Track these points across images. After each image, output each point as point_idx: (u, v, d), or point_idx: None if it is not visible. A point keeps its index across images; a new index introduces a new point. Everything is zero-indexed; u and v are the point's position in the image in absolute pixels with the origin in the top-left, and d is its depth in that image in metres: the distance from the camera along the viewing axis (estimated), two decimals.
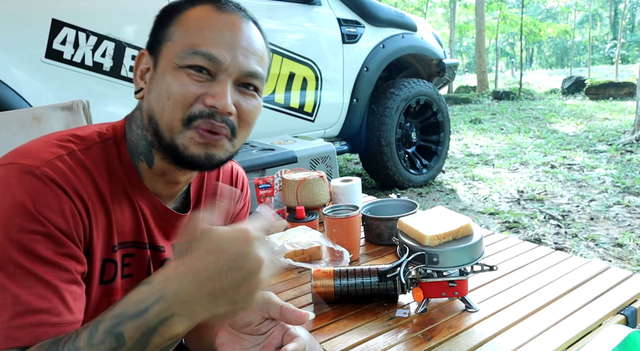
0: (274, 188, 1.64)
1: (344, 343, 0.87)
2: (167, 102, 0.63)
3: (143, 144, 0.68)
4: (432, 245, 0.93)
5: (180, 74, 0.63)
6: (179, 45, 0.64)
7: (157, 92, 0.65)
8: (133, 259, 0.71)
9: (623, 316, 0.93)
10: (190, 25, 0.65)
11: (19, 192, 0.55)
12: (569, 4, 26.13)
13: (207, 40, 0.63)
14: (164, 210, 0.72)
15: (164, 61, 0.65)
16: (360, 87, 3.28)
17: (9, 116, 1.13)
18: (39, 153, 0.60)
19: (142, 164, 0.69)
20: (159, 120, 0.64)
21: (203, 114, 0.63)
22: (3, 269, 0.53)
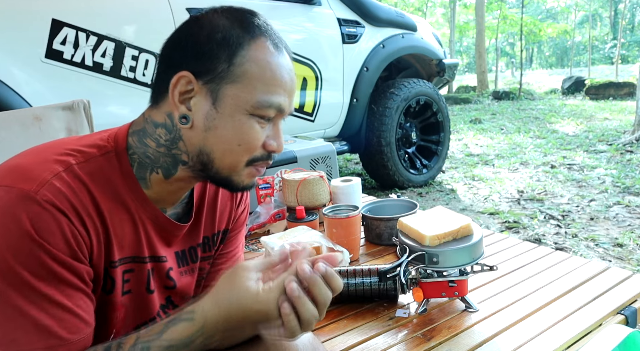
0: (274, 188, 1.64)
1: (344, 343, 0.87)
2: (237, 148, 0.65)
3: (167, 161, 0.68)
4: (432, 245, 0.93)
5: (253, 122, 0.65)
6: (252, 94, 0.64)
7: (224, 134, 0.64)
8: (132, 274, 0.70)
9: (623, 316, 0.93)
10: (258, 71, 0.64)
11: (21, 220, 0.56)
12: (569, 4, 26.13)
13: (278, 92, 0.65)
14: (165, 221, 0.72)
15: (232, 103, 0.64)
16: (360, 87, 3.28)
17: (9, 116, 1.13)
18: (36, 173, 0.59)
19: (155, 175, 0.69)
20: (219, 160, 0.66)
21: (264, 158, 0.68)
22: (22, 294, 0.56)
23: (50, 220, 0.57)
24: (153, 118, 0.68)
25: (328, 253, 0.65)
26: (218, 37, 0.63)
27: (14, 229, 0.56)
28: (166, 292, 0.75)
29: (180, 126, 0.65)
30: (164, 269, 0.74)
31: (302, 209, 1.44)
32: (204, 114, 0.64)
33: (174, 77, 0.63)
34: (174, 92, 0.64)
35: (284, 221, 1.56)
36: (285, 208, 1.59)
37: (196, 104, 0.64)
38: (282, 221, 1.57)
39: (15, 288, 0.55)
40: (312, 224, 1.40)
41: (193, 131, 0.65)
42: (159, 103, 0.67)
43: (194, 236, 0.79)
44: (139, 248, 0.69)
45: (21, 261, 0.55)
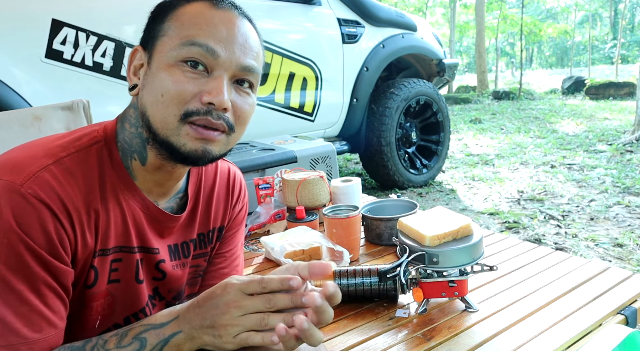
0: (274, 188, 1.64)
1: (344, 343, 0.87)
2: (161, 99, 0.62)
3: (137, 142, 0.68)
4: (432, 245, 0.93)
5: (175, 70, 0.62)
6: (174, 39, 0.63)
7: (151, 88, 0.64)
8: (120, 264, 0.70)
9: (623, 316, 0.93)
10: (185, 19, 0.64)
11: (5, 211, 0.56)
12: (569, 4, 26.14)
13: (203, 33, 0.63)
14: (157, 211, 0.72)
15: (158, 57, 0.64)
16: (360, 87, 3.28)
17: (9, 116, 1.13)
18: (24, 166, 0.60)
19: (135, 162, 0.69)
20: (152, 116, 0.64)
21: (200, 112, 0.63)
22: None
23: (33, 214, 0.58)
24: (132, 101, 0.69)
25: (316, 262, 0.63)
26: (159, 7, 0.67)
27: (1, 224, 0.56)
28: (154, 283, 0.76)
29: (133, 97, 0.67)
30: (153, 261, 0.74)
31: (302, 209, 1.44)
32: (143, 77, 0.66)
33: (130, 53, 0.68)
34: (130, 67, 0.67)
35: (284, 221, 1.56)
36: (285, 208, 1.59)
37: (141, 71, 0.67)
38: (282, 221, 1.57)
39: None
40: (312, 224, 1.40)
41: (138, 97, 0.66)
42: None
43: (188, 231, 0.79)
44: (126, 238, 0.69)
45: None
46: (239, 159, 1.76)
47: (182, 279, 0.80)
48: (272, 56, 2.75)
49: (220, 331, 0.57)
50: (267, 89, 2.79)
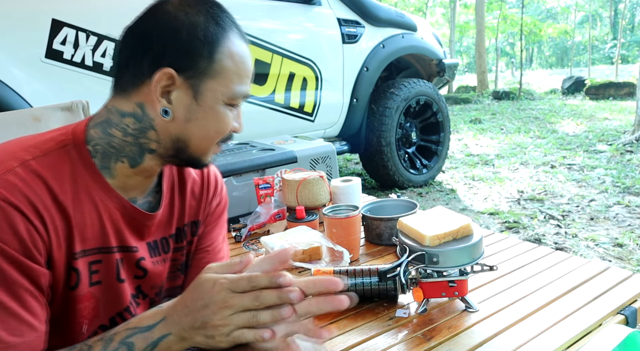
0: (274, 188, 1.64)
1: (344, 343, 0.87)
2: (214, 134, 0.70)
3: (132, 150, 0.69)
4: (432, 245, 0.93)
5: (226, 111, 0.70)
6: (228, 87, 0.68)
7: (204, 124, 0.69)
8: (101, 265, 0.69)
9: (623, 316, 0.93)
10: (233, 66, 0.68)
11: None
12: (569, 4, 26.13)
13: (247, 82, 0.71)
14: (133, 210, 0.72)
15: (211, 96, 0.68)
16: (360, 87, 3.28)
17: (8, 116, 1.13)
18: None
19: (120, 164, 0.69)
20: (195, 146, 0.70)
21: (228, 138, 0.74)
22: None
23: (2, 217, 0.57)
24: (119, 108, 0.69)
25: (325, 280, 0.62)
26: (200, 34, 0.65)
27: None
28: (136, 281, 0.75)
29: (157, 117, 0.67)
30: (133, 259, 0.73)
31: (302, 209, 1.44)
32: (185, 107, 0.67)
33: (158, 73, 0.64)
34: (156, 86, 0.65)
35: (284, 221, 1.56)
36: (285, 208, 1.59)
37: (177, 98, 0.67)
38: (282, 221, 1.57)
39: None
40: (312, 224, 1.40)
41: (173, 122, 0.68)
42: (128, 93, 0.68)
43: (167, 227, 0.79)
44: (104, 239, 0.69)
45: None
46: (239, 159, 1.76)
47: (163, 275, 0.80)
48: (272, 56, 2.75)
49: (213, 332, 0.57)
50: (267, 89, 2.79)
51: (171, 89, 0.66)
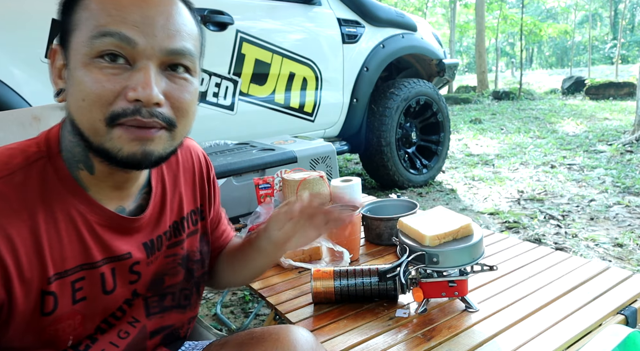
0: (274, 188, 1.64)
1: (344, 343, 0.87)
2: (83, 104, 0.56)
3: (79, 151, 0.62)
4: (432, 245, 0.93)
5: (91, 68, 0.55)
6: (85, 32, 0.56)
7: (73, 92, 0.57)
8: (84, 282, 0.64)
9: (623, 316, 0.93)
10: (93, 7, 0.56)
11: None
12: (569, 4, 26.12)
13: (113, 19, 0.55)
14: (118, 219, 0.67)
15: (74, 55, 0.57)
16: (360, 87, 3.28)
17: (8, 115, 1.13)
18: None
19: (82, 172, 0.63)
20: (79, 123, 0.58)
21: (127, 112, 0.56)
22: None
23: None
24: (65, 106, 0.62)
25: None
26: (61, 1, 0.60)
27: None
28: (131, 286, 0.71)
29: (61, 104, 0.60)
30: (126, 266, 0.69)
31: None
32: (66, 79, 0.59)
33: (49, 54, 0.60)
34: (52, 70, 0.61)
35: None
36: None
37: (65, 73, 0.60)
38: None
39: None
40: None
41: (66, 103, 0.60)
42: None
43: (160, 225, 0.75)
44: (87, 255, 0.64)
45: None
46: (239, 159, 1.76)
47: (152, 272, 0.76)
48: (272, 56, 2.75)
49: None
50: (267, 89, 2.79)
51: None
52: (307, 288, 1.08)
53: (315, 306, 1.02)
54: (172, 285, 0.79)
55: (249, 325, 1.83)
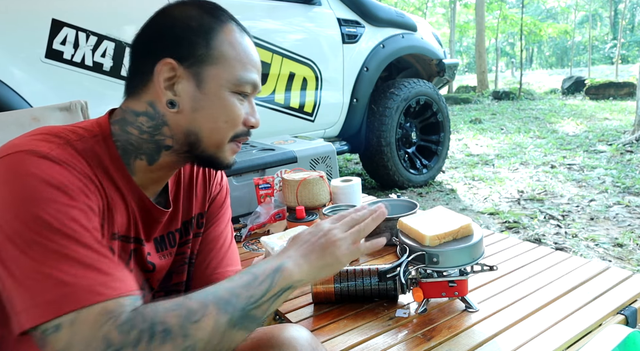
0: (274, 188, 1.64)
1: (344, 343, 0.87)
2: (224, 126, 0.70)
3: (149, 147, 0.70)
4: (432, 245, 0.93)
5: (233, 100, 0.70)
6: (231, 73, 0.69)
7: (210, 113, 0.69)
8: (119, 252, 0.70)
9: (623, 316, 0.93)
10: (233, 52, 0.69)
11: (41, 173, 0.56)
12: (569, 4, 26.13)
13: (252, 69, 0.71)
14: (151, 206, 0.73)
15: (215, 83, 0.68)
16: (360, 87, 3.28)
17: (7, 116, 1.13)
18: (41, 143, 0.60)
19: (139, 162, 0.71)
20: (207, 138, 0.70)
21: (244, 133, 0.73)
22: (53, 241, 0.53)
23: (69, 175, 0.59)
24: (133, 108, 0.70)
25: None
26: (193, 25, 0.68)
27: (35, 181, 0.56)
28: (144, 275, 0.77)
29: (167, 111, 0.68)
30: (143, 253, 0.75)
31: (302, 209, 1.44)
32: (189, 96, 0.68)
33: (158, 64, 0.66)
34: (159, 79, 0.67)
35: (284, 221, 1.56)
36: (285, 208, 1.59)
37: (181, 88, 0.68)
38: (282, 221, 1.57)
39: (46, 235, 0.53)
40: (312, 224, 1.40)
41: (180, 114, 0.68)
42: (138, 93, 0.70)
43: (173, 222, 0.81)
44: (128, 228, 0.71)
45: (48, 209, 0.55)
46: (239, 159, 1.77)
47: (166, 268, 0.81)
48: (272, 56, 2.75)
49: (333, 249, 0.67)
50: (267, 89, 2.79)
51: (175, 80, 0.67)
52: (307, 288, 1.08)
53: (315, 306, 1.02)
54: (178, 283, 0.83)
55: None
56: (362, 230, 0.71)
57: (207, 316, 0.55)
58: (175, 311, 0.54)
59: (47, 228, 0.54)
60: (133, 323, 0.52)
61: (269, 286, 0.60)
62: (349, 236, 0.69)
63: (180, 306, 0.55)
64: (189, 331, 0.53)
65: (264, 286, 0.60)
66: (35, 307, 0.51)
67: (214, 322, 0.55)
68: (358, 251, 0.70)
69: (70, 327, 0.50)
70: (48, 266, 0.52)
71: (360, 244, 0.71)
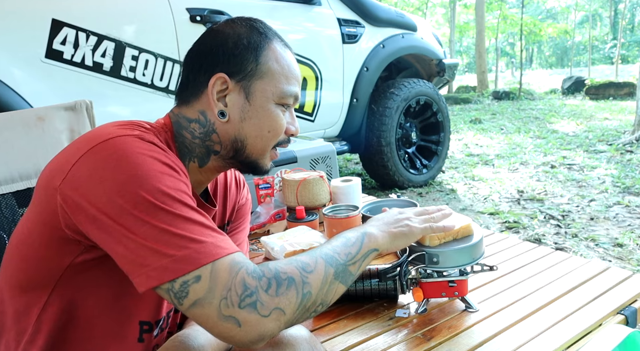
0: (274, 188, 1.64)
1: (344, 343, 0.87)
2: (268, 135, 0.76)
3: (201, 151, 0.76)
4: (432, 245, 0.93)
5: (278, 111, 0.76)
6: (277, 86, 0.75)
7: (256, 123, 0.75)
8: None
9: (623, 316, 0.93)
10: (279, 67, 0.76)
11: (148, 151, 0.62)
12: (569, 4, 26.12)
13: (294, 83, 0.78)
14: (200, 203, 0.78)
15: (261, 96, 0.74)
16: (360, 87, 3.28)
17: (12, 116, 1.13)
18: (126, 131, 0.65)
19: (192, 163, 0.77)
20: (251, 145, 0.76)
21: (283, 141, 0.80)
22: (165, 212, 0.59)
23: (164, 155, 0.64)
24: (185, 115, 0.76)
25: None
26: (244, 42, 0.74)
27: (145, 159, 0.61)
28: None
29: (217, 120, 0.74)
30: None
31: (302, 209, 1.44)
32: (239, 107, 0.74)
33: (212, 78, 0.73)
34: (212, 91, 0.73)
35: (284, 221, 1.56)
36: (285, 208, 1.59)
37: (231, 100, 0.74)
38: (282, 221, 1.57)
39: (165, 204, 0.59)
40: (312, 224, 1.40)
41: (229, 123, 0.75)
42: (190, 102, 0.76)
43: None
44: None
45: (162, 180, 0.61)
46: None
47: None
48: None
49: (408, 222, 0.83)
50: None
51: (226, 93, 0.74)
52: None
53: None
54: None
55: None
56: (432, 217, 0.86)
57: (318, 268, 0.65)
58: (292, 265, 0.64)
59: (168, 197, 0.60)
60: (262, 272, 0.61)
61: (360, 248, 0.73)
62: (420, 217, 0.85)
63: (296, 261, 0.65)
64: (307, 279, 0.63)
65: (356, 247, 0.72)
66: (175, 262, 0.57)
67: (324, 273, 0.66)
68: (430, 228, 0.85)
69: (210, 276, 0.57)
70: (178, 227, 0.58)
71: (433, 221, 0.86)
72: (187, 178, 0.67)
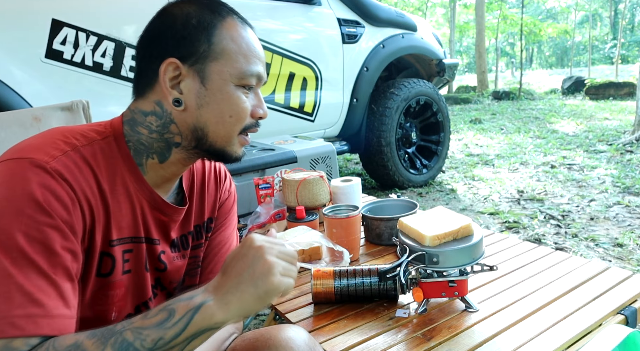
0: (274, 188, 1.64)
1: (344, 343, 0.87)
2: (230, 120, 0.70)
3: (160, 145, 0.71)
4: (432, 245, 0.93)
5: (238, 94, 0.70)
6: (234, 67, 0.69)
7: (215, 108, 0.69)
8: (131, 254, 0.72)
9: (623, 316, 0.93)
10: (235, 46, 0.69)
11: (30, 184, 0.57)
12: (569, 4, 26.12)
13: (255, 62, 0.71)
14: (163, 204, 0.74)
15: (218, 79, 0.69)
16: (360, 87, 3.28)
17: (9, 116, 1.13)
18: (46, 149, 0.62)
19: (151, 160, 0.72)
20: (213, 133, 0.70)
21: (253, 125, 0.74)
22: (11, 258, 0.54)
23: (59, 189, 0.59)
24: (141, 108, 0.71)
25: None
26: (193, 22, 0.68)
27: (19, 191, 0.57)
28: (156, 273, 0.78)
29: (173, 110, 0.69)
30: (156, 252, 0.76)
31: (302, 209, 1.44)
32: (195, 93, 0.69)
33: (162, 65, 0.67)
34: (164, 79, 0.68)
35: (284, 221, 1.56)
36: (285, 208, 1.59)
37: (186, 86, 0.69)
38: (282, 221, 1.57)
39: (6, 250, 0.54)
40: (312, 224, 1.40)
41: (186, 111, 0.69)
42: (145, 94, 0.71)
43: (186, 224, 0.82)
44: (136, 229, 0.72)
45: (19, 224, 0.55)
46: None
47: (181, 270, 0.82)
48: (272, 56, 2.75)
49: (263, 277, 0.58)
50: (267, 89, 2.79)
51: (180, 79, 0.68)
52: (307, 288, 1.08)
53: (315, 306, 1.02)
54: (190, 286, 0.85)
55: (249, 325, 1.83)
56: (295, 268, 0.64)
57: None
58: None
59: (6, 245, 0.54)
60: None
61: (184, 327, 0.55)
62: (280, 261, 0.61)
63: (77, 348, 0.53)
64: None
65: (178, 327, 0.55)
66: None
67: None
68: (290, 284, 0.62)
69: None
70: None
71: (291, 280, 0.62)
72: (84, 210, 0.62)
